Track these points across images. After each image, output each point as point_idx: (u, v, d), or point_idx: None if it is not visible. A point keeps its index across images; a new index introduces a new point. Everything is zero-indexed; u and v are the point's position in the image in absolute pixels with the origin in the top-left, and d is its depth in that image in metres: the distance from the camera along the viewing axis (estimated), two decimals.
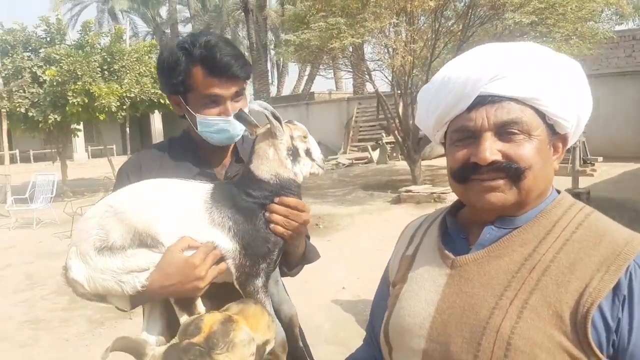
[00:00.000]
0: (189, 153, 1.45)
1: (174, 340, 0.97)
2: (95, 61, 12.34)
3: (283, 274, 1.43)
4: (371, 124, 18.47)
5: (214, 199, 1.20)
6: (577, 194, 8.71)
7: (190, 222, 1.17)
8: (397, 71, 11.07)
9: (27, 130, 13.36)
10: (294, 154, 1.25)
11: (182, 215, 1.18)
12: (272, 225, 1.19)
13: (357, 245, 7.10)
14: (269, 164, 1.22)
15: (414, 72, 11.17)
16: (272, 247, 1.20)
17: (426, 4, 9.48)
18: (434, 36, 10.93)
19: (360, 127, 19.60)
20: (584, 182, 9.89)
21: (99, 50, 12.90)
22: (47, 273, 6.65)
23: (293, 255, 1.35)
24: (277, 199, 1.20)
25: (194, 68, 1.33)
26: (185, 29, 39.14)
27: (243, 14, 28.19)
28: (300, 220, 1.21)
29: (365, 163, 16.58)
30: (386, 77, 12.21)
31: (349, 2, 9.71)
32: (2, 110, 12.14)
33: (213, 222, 1.17)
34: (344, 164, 16.67)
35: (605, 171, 11.48)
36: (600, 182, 10.45)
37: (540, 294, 0.83)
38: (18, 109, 12.13)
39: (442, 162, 16.24)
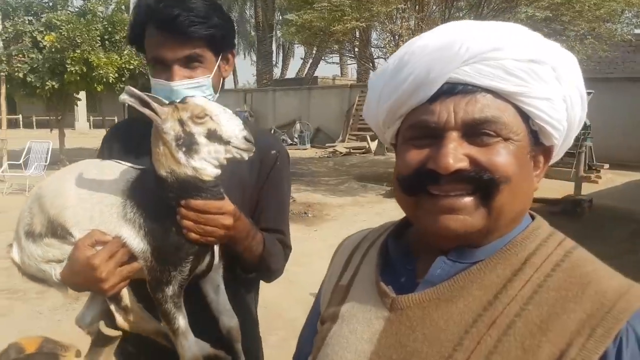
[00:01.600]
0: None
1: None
2: (96, 30, 12.23)
3: (240, 280, 1.29)
4: None
5: (132, 190, 1.06)
6: (579, 202, 8.65)
7: (104, 213, 1.05)
8: None
9: (26, 96, 13.34)
10: (186, 142, 1.00)
11: (97, 205, 1.05)
12: (184, 231, 1.03)
13: (343, 237, 6.99)
14: (162, 159, 1.02)
15: None
16: (184, 254, 1.05)
17: None
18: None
19: (361, 115, 19.43)
20: (587, 189, 9.77)
21: (101, 19, 12.78)
22: None
23: (244, 258, 1.21)
24: (183, 202, 1.02)
25: (145, 26, 1.19)
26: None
27: None
28: (216, 224, 1.04)
29: (363, 153, 16.48)
30: None
31: None
32: (2, 73, 12.07)
33: (125, 216, 1.04)
34: (341, 153, 16.57)
35: (610, 179, 11.32)
36: (605, 190, 10.30)
37: (500, 357, 0.64)
38: (17, 74, 12.05)
39: None
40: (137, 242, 1.04)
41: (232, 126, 1.01)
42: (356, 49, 12.09)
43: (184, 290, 1.09)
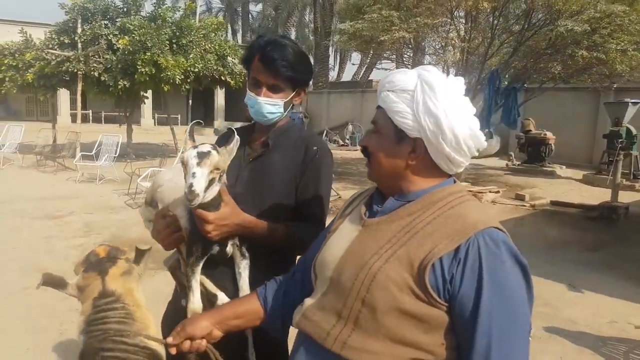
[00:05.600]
0: (250, 130, 1.79)
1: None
2: (165, 34, 12.84)
3: (261, 272, 1.56)
4: None
5: None
6: (614, 208, 8.75)
7: (177, 197, 1.51)
8: (449, 66, 11.18)
9: (99, 93, 14.09)
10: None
11: (176, 190, 1.51)
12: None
13: None
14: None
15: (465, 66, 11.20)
16: (197, 239, 1.47)
17: (480, 4, 9.52)
18: (490, 34, 10.96)
19: None
20: (627, 197, 9.82)
21: (170, 24, 13.39)
22: (103, 224, 7.47)
23: (262, 242, 1.57)
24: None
25: (255, 56, 1.64)
26: (255, 9, 39.88)
27: None
28: (202, 228, 1.41)
29: None
30: (439, 71, 12.29)
31: None
32: (79, 72, 12.88)
33: (184, 202, 1.44)
34: None
35: None
36: None
37: (405, 248, 1.10)
38: (92, 73, 12.82)
39: (490, 161, 16.25)
40: (183, 221, 1.49)
41: (187, 180, 1.30)
42: (404, 56, 12.41)
43: (215, 266, 1.55)
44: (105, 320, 1.30)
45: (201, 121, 1.79)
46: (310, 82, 1.80)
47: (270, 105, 1.64)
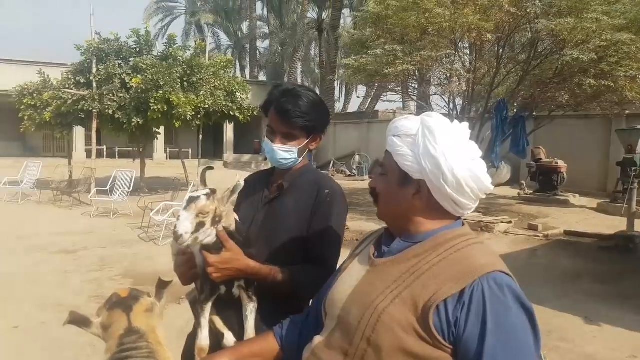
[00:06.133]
0: (270, 173, 1.87)
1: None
2: (176, 72, 13.16)
3: (265, 318, 1.61)
4: None
5: None
6: (630, 237, 8.56)
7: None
8: (455, 96, 11.29)
9: (113, 130, 14.37)
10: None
11: None
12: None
13: None
14: None
15: (471, 96, 11.27)
16: (205, 279, 1.54)
17: (484, 36, 9.67)
18: (496, 64, 11.06)
19: None
20: None
21: (180, 63, 13.72)
22: (117, 258, 7.54)
23: (264, 284, 1.61)
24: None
25: (272, 105, 1.74)
26: (262, 45, 40.74)
27: (317, 33, 29.20)
28: (207, 271, 1.50)
29: None
30: (445, 101, 12.47)
31: (408, 30, 10.08)
32: (94, 111, 13.20)
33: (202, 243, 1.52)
34: None
35: None
36: None
37: (410, 290, 1.12)
38: (107, 111, 13.11)
39: (502, 191, 16.16)
40: (198, 260, 1.54)
41: (177, 224, 1.40)
42: (409, 88, 12.53)
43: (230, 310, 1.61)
44: (129, 359, 1.35)
45: (212, 166, 1.86)
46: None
47: (283, 152, 1.72)
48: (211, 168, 1.69)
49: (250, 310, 1.60)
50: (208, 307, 1.57)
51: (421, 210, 1.23)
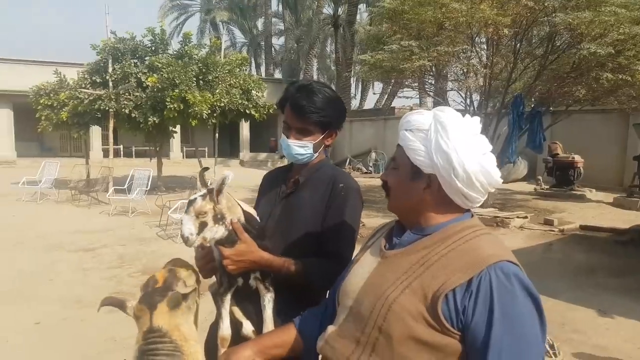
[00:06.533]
0: (289, 168, 1.91)
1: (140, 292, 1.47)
2: (192, 71, 13.22)
3: (282, 310, 1.65)
4: None
5: None
6: None
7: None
8: (472, 92, 11.22)
9: (130, 129, 14.51)
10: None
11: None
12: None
13: None
14: None
15: (488, 91, 11.20)
16: (223, 271, 1.60)
17: (501, 30, 9.59)
18: (513, 58, 10.98)
19: None
20: None
21: (196, 61, 13.78)
22: (135, 255, 7.65)
23: (279, 275, 1.65)
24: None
25: (287, 101, 1.76)
26: (278, 42, 40.79)
27: (332, 29, 29.12)
28: (223, 264, 1.55)
29: None
30: (462, 97, 12.40)
31: (425, 26, 10.05)
32: (110, 110, 13.34)
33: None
34: None
35: None
36: None
37: (420, 280, 1.15)
38: (123, 110, 13.23)
39: (519, 186, 16.04)
40: (215, 254, 1.59)
41: (181, 228, 1.48)
42: (426, 84, 12.48)
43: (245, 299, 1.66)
44: (155, 352, 1.37)
45: (208, 167, 1.92)
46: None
47: (298, 147, 1.76)
48: (207, 169, 1.72)
49: (268, 300, 1.64)
50: (228, 298, 1.63)
51: (431, 203, 1.25)
